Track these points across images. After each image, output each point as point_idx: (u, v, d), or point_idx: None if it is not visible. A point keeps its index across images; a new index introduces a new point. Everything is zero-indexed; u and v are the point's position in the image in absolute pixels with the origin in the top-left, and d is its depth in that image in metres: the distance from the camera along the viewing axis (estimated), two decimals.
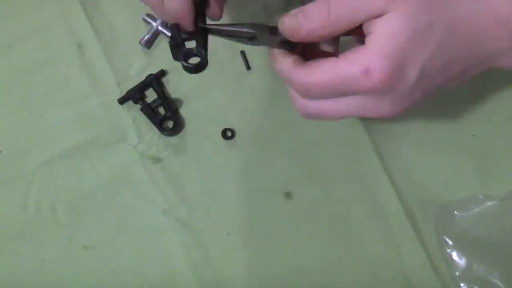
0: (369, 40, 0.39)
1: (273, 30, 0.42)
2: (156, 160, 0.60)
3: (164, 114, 0.61)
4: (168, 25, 0.44)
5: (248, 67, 0.62)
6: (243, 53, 0.62)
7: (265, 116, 0.61)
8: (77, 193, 0.60)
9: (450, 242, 0.56)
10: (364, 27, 0.40)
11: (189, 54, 0.42)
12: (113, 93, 0.62)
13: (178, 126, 0.61)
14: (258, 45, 0.43)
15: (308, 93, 0.42)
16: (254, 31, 0.42)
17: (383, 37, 0.39)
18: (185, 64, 0.42)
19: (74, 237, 0.59)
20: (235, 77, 0.62)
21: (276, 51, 0.43)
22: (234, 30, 0.42)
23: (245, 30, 0.42)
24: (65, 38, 0.63)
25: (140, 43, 0.63)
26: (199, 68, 0.42)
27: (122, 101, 0.61)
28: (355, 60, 0.39)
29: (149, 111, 0.61)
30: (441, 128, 0.60)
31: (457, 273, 0.56)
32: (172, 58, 0.43)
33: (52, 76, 0.63)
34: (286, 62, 0.43)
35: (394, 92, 0.41)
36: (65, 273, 0.58)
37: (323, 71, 0.41)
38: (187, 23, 0.44)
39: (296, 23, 0.40)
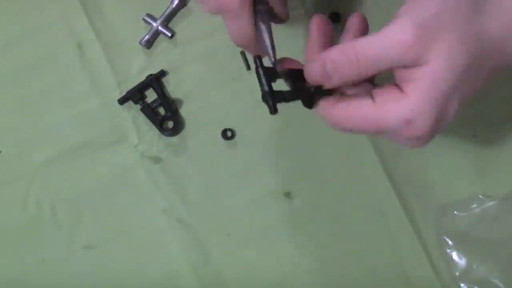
0: (408, 89, 0.38)
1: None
2: (156, 160, 0.60)
3: (164, 114, 0.61)
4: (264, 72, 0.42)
5: (248, 67, 0.62)
6: (243, 53, 0.62)
7: (265, 116, 0.61)
8: (77, 193, 0.60)
9: (450, 242, 0.56)
10: (398, 74, 0.39)
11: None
12: (113, 93, 0.62)
13: (178, 126, 0.61)
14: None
15: (343, 130, 0.42)
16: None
17: (425, 87, 0.37)
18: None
19: (74, 237, 0.59)
20: (235, 77, 0.62)
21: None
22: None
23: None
24: (65, 38, 0.63)
25: (140, 43, 0.63)
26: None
27: (122, 101, 0.61)
28: (397, 111, 0.38)
29: (149, 111, 0.61)
30: None
31: (457, 273, 0.56)
32: (172, 58, 0.42)
33: (52, 76, 0.63)
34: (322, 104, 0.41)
35: (433, 134, 0.40)
36: (65, 273, 0.58)
37: (361, 117, 0.39)
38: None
39: (324, 73, 0.39)
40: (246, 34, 0.46)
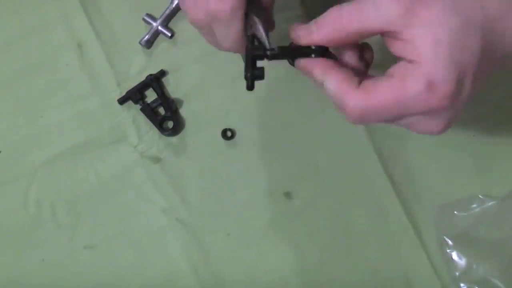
0: (414, 54, 0.36)
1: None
2: (156, 160, 0.60)
3: (164, 114, 0.61)
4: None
5: None
6: None
7: (265, 116, 0.61)
8: (77, 193, 0.60)
9: (450, 242, 0.56)
10: (390, 44, 0.38)
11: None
12: (113, 93, 0.62)
13: (178, 126, 0.61)
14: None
15: (363, 118, 0.38)
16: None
17: (430, 48, 0.36)
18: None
19: (74, 237, 0.59)
20: (235, 77, 0.62)
21: (325, 63, 0.40)
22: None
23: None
24: (65, 38, 0.63)
25: (140, 43, 0.63)
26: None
27: (122, 101, 0.61)
28: (416, 75, 0.36)
29: (149, 111, 0.61)
30: None
31: (457, 273, 0.56)
32: (172, 58, 0.43)
33: (52, 76, 0.63)
34: (336, 79, 0.39)
35: (454, 107, 0.37)
36: (65, 273, 0.58)
37: (382, 92, 0.37)
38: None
39: (308, 30, 0.39)
40: (235, 41, 0.44)
